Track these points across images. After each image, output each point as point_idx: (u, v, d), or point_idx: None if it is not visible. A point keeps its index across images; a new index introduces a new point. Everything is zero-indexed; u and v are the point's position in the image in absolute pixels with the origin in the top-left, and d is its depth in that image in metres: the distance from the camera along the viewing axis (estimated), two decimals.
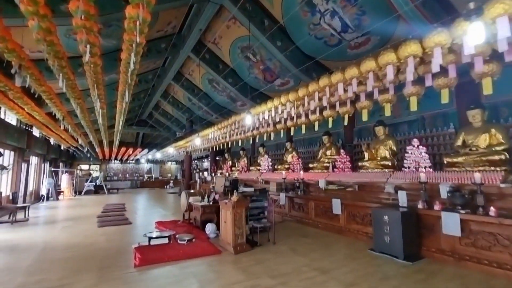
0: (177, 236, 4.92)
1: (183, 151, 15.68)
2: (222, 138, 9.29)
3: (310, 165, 8.57)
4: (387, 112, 5.08)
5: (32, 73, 4.35)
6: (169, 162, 25.99)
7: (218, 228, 5.48)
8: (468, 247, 3.69)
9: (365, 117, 5.31)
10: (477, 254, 3.58)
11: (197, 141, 9.20)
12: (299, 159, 9.15)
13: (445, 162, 5.12)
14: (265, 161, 10.81)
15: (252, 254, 4.29)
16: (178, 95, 15.16)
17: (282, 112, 6.72)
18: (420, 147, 5.57)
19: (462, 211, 3.73)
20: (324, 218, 6.14)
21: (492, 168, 4.39)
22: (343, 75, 4.87)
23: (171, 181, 23.11)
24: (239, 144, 10.73)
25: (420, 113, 7.09)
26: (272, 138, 9.15)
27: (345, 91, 5.19)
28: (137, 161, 24.37)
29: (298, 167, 8.92)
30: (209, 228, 5.40)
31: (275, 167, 10.35)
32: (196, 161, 21.86)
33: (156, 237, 4.78)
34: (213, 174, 14.43)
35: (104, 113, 7.27)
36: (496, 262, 3.40)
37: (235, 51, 9.52)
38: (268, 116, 6.62)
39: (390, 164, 6.16)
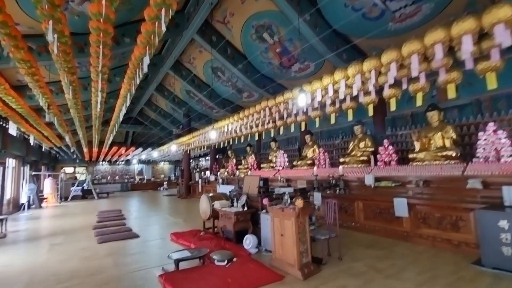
0: (212, 255, 3.71)
1: (180, 150, 14.30)
2: (245, 129, 8.02)
3: (341, 160, 7.52)
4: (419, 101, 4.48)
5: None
6: (162, 163, 24.37)
7: (259, 240, 4.31)
8: None
9: (393, 106, 4.80)
10: None
11: (212, 134, 7.92)
12: (325, 153, 8.07)
13: None
14: (280, 157, 9.68)
15: (324, 277, 3.16)
16: (175, 88, 13.74)
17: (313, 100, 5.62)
18: (499, 132, 4.61)
19: None
20: (379, 221, 5.10)
21: None
22: (378, 61, 3.89)
23: (165, 183, 21.58)
24: (241, 140, 9.65)
25: (473, 95, 6.21)
26: (281, 132, 8.15)
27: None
28: (128, 162, 22.62)
29: (324, 162, 7.85)
30: (250, 241, 4.22)
31: (294, 163, 9.26)
32: (191, 160, 20.43)
33: (186, 258, 3.56)
34: (218, 174, 13.15)
35: (104, 98, 5.87)
36: None
37: (248, 31, 8.30)
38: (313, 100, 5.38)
39: (453, 154, 5.17)
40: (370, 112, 6.07)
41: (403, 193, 4.96)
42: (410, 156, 5.88)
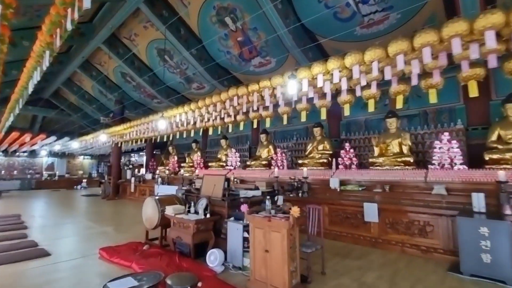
0: (167, 280, 2.72)
1: (109, 142, 12.09)
2: (200, 122, 6.94)
3: (299, 161, 7.25)
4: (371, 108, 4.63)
5: None
6: (82, 156, 20.56)
7: (225, 255, 3.51)
8: None
9: (371, 108, 4.71)
10: None
11: (160, 124, 6.56)
12: (283, 155, 7.70)
13: (487, 158, 4.57)
14: (232, 156, 8.94)
15: None
16: (108, 68, 11.52)
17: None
18: (453, 142, 4.93)
19: None
20: (346, 227, 4.89)
21: None
22: (341, 62, 3.81)
23: (84, 180, 18.21)
24: (191, 134, 8.61)
25: (421, 107, 6.71)
26: (230, 130, 7.59)
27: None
28: (33, 154, 18.24)
29: (282, 164, 7.46)
30: (215, 257, 3.37)
31: (248, 163, 8.64)
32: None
33: None
34: (157, 172, 11.52)
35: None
36: None
37: (207, 12, 7.34)
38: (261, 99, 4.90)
39: (411, 160, 5.38)
40: (323, 116, 5.99)
41: (370, 198, 4.86)
42: (370, 160, 5.95)
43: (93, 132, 13.05)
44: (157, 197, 4.40)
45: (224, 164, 9.39)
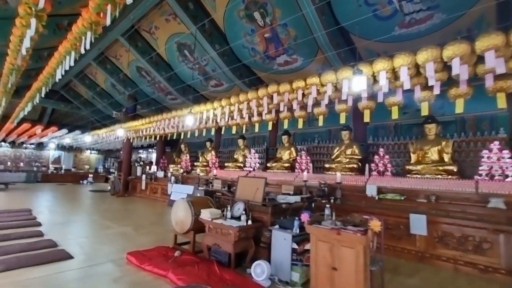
0: None
1: (120, 138, 11.79)
2: (230, 118, 6.60)
3: (326, 165, 6.92)
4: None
5: None
6: (89, 151, 20.30)
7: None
8: None
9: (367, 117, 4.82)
10: None
11: (188, 120, 6.24)
12: (308, 157, 7.37)
13: None
14: (251, 158, 8.62)
15: None
16: (123, 61, 11.26)
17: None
18: (504, 151, 4.59)
19: None
20: (386, 239, 4.51)
21: None
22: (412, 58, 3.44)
23: (91, 175, 17.93)
24: (197, 134, 8.34)
25: (457, 114, 6.35)
26: (244, 130, 7.31)
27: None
28: (40, 146, 18.00)
29: (308, 167, 7.13)
30: (262, 269, 3.04)
31: (268, 165, 8.31)
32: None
33: None
34: (169, 170, 11.20)
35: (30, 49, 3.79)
36: None
37: (236, 5, 7.03)
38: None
39: (454, 169, 5.04)
40: (343, 120, 5.67)
41: (414, 208, 4.52)
42: (407, 167, 5.62)
43: (104, 127, 12.78)
44: (189, 199, 4.07)
45: (242, 165, 9.06)
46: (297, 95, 4.46)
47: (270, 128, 6.56)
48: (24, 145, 17.34)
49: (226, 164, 9.67)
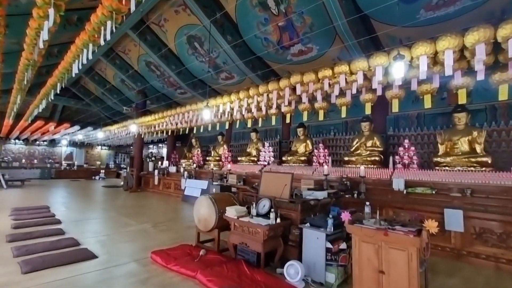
0: None
1: (132, 133, 11.74)
2: (248, 111, 6.39)
3: (345, 158, 6.68)
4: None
5: None
6: (99, 147, 20.45)
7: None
8: None
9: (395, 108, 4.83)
10: None
11: (205, 114, 6.06)
12: (326, 149, 7.14)
13: None
14: (265, 151, 8.43)
15: None
16: (131, 56, 11.11)
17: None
18: None
19: None
20: None
21: None
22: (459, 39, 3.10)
23: (102, 171, 18.09)
24: (210, 128, 8.15)
25: (488, 101, 6.00)
26: (260, 123, 7.11)
27: None
28: (53, 143, 18.19)
29: (326, 160, 6.90)
30: (296, 270, 2.88)
31: (283, 158, 8.12)
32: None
33: None
34: (182, 165, 11.12)
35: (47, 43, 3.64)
36: None
37: None
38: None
39: (488, 161, 4.75)
40: (368, 110, 5.49)
41: (448, 203, 4.27)
42: (435, 159, 5.34)
43: (114, 123, 12.74)
44: (211, 196, 3.92)
45: (256, 159, 8.89)
46: (323, 85, 4.22)
47: (288, 120, 6.32)
48: (37, 142, 17.54)
49: (239, 158, 9.52)
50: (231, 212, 3.52)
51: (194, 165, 10.43)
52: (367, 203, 2.74)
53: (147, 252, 3.71)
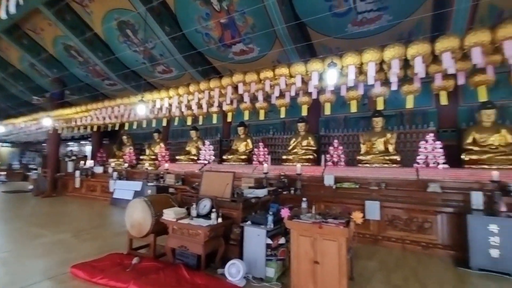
0: None
1: (42, 128, 9.99)
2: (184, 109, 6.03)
3: (284, 157, 7.03)
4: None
5: None
6: None
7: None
8: None
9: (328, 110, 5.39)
10: None
11: (140, 110, 5.45)
12: (266, 148, 7.37)
13: (467, 159, 5.03)
14: (206, 150, 8.24)
15: None
16: (45, 36, 9.44)
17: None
18: (437, 142, 5.31)
19: None
20: None
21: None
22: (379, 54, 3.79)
23: (2, 173, 14.90)
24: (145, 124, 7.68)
25: (397, 109, 7.10)
26: (201, 121, 7.09)
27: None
28: None
29: (266, 159, 7.13)
30: (238, 269, 2.87)
31: (224, 157, 8.06)
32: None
33: None
34: (111, 165, 9.95)
35: None
36: None
37: None
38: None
39: (398, 158, 5.65)
40: (304, 112, 6.02)
41: (368, 195, 4.91)
42: (358, 157, 6.07)
43: (21, 116, 10.61)
44: (146, 198, 3.61)
45: (196, 158, 8.61)
46: (265, 85, 4.33)
47: (229, 119, 6.29)
48: None
49: (177, 157, 9.07)
50: (169, 214, 3.30)
51: (126, 164, 9.48)
52: (304, 198, 2.93)
53: (65, 266, 3.18)
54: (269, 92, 4.60)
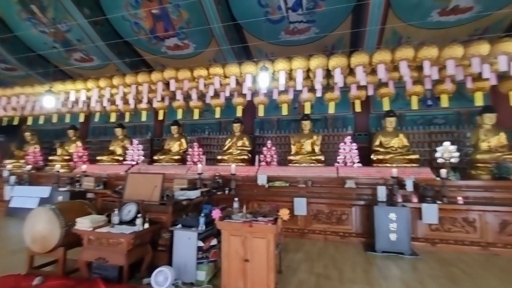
0: None
1: None
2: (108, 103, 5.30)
3: (219, 157, 6.96)
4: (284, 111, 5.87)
5: None
6: None
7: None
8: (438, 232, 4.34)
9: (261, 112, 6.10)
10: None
11: (47, 102, 4.48)
12: (201, 148, 7.17)
13: (375, 159, 5.90)
14: (133, 149, 7.54)
15: None
16: None
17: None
18: (353, 144, 6.07)
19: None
20: None
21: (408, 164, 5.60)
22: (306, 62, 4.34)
23: None
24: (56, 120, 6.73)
25: (322, 113, 7.85)
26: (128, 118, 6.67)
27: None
28: None
29: (200, 159, 6.94)
30: (165, 276, 2.69)
31: (155, 157, 7.51)
32: None
33: None
34: (6, 166, 8.11)
35: None
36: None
37: None
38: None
39: (322, 158, 6.24)
40: (239, 113, 6.26)
41: (297, 193, 5.26)
42: (289, 158, 6.47)
43: None
44: (53, 206, 3.06)
45: (121, 158, 7.79)
46: (199, 84, 4.20)
47: (161, 117, 5.90)
48: None
49: (98, 158, 8.05)
50: (84, 223, 2.88)
51: (29, 166, 7.91)
52: (236, 198, 2.95)
53: None
54: (203, 91, 4.49)
